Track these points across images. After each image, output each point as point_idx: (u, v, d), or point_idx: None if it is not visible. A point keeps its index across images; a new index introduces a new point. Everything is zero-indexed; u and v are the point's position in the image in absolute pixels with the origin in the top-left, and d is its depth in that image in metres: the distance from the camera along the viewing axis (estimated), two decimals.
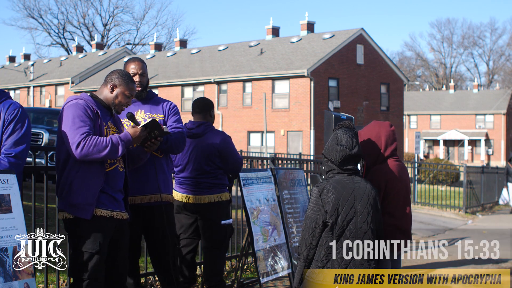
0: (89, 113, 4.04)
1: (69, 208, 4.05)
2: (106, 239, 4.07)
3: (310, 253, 3.92)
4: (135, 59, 4.84)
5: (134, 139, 4.15)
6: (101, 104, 4.23)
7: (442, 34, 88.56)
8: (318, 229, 3.88)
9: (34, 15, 62.43)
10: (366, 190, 3.95)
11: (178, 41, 43.36)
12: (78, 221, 4.03)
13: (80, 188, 4.01)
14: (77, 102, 4.08)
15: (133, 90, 4.26)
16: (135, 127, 4.17)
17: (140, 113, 4.83)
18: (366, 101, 33.42)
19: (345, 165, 3.98)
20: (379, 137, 4.38)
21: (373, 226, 3.89)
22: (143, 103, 4.89)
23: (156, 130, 4.28)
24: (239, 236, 7.67)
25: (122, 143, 4.04)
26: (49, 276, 5.29)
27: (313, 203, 3.92)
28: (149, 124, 4.23)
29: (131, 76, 4.32)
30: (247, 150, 31.34)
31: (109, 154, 3.98)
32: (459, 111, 61.19)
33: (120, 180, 4.22)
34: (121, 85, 4.21)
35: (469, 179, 19.03)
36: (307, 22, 35.99)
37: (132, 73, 4.74)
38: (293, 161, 10.46)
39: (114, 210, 4.13)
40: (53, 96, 43.25)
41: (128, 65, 4.81)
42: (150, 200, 4.78)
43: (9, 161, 3.77)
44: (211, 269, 5.76)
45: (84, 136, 3.94)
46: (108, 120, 4.24)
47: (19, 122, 3.84)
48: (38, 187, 5.01)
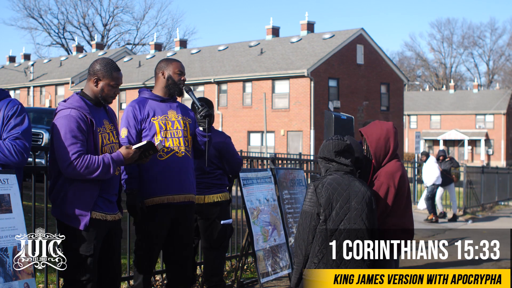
0: (82, 126, 3.96)
1: (62, 217, 4.02)
2: (99, 242, 4.06)
3: (307, 249, 3.92)
4: (176, 60, 4.88)
5: (126, 160, 4.08)
6: (92, 102, 4.14)
7: (442, 34, 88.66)
8: (313, 222, 3.90)
9: (34, 15, 62.50)
10: (362, 188, 4.00)
11: (178, 41, 43.37)
12: (72, 226, 4.01)
13: (74, 199, 3.97)
14: (69, 114, 3.96)
15: (118, 79, 4.16)
16: (129, 147, 4.11)
17: (173, 113, 4.82)
18: (366, 101, 33.42)
19: (339, 157, 4.03)
20: (388, 138, 4.40)
21: (368, 224, 3.91)
22: (172, 101, 4.89)
23: (151, 150, 4.22)
24: (239, 236, 7.67)
25: (114, 165, 4.00)
26: (49, 276, 5.29)
27: (309, 198, 3.96)
28: (144, 146, 4.18)
29: (114, 63, 4.21)
30: (247, 150, 31.34)
31: (100, 175, 3.95)
32: (459, 111, 61.19)
33: (116, 183, 4.22)
34: (104, 77, 4.10)
35: (469, 179, 19.03)
36: (307, 22, 36.00)
37: (179, 72, 4.80)
38: (293, 161, 10.46)
39: (108, 212, 4.11)
40: (53, 96, 43.24)
41: (175, 64, 4.83)
42: (185, 200, 4.78)
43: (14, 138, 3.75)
44: (211, 269, 5.76)
45: (76, 156, 3.89)
46: (102, 119, 4.17)
47: (19, 117, 3.83)
48: (38, 187, 5.01)
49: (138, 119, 4.67)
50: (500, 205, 21.29)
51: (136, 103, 4.74)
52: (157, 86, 4.85)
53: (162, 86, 4.82)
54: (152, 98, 4.79)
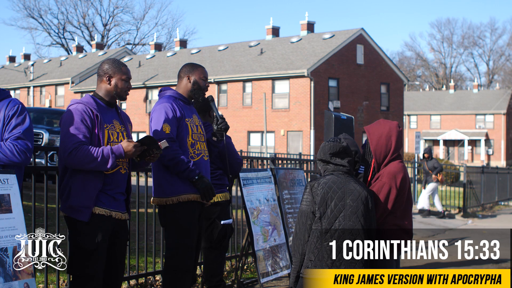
0: (86, 119, 4.04)
1: (67, 210, 4.08)
2: (104, 238, 4.08)
3: (304, 248, 3.95)
4: (201, 65, 4.99)
5: (127, 153, 4.09)
6: (104, 102, 4.23)
7: (442, 34, 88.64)
8: (309, 221, 3.94)
9: (34, 15, 62.49)
10: (358, 187, 4.02)
11: (178, 41, 43.36)
12: (76, 220, 4.06)
13: (77, 191, 4.03)
14: (76, 107, 4.09)
15: (128, 73, 4.30)
16: (130, 141, 4.13)
17: (196, 118, 4.90)
18: (366, 101, 33.42)
19: (335, 158, 4.08)
20: (390, 136, 4.39)
21: (363, 222, 3.92)
22: (192, 105, 4.97)
23: (154, 148, 4.22)
24: (239, 236, 7.67)
25: (113, 156, 4.02)
26: (49, 276, 5.29)
27: (305, 198, 4.01)
28: (145, 140, 4.19)
29: (120, 61, 4.35)
30: (247, 150, 31.35)
31: (97, 166, 3.99)
32: (459, 111, 61.20)
33: (122, 182, 4.23)
34: (115, 73, 4.23)
35: (469, 179, 19.04)
36: (307, 22, 36.00)
37: (205, 78, 4.93)
38: (293, 161, 10.46)
39: (113, 209, 4.14)
40: (53, 96, 43.24)
41: (201, 70, 4.94)
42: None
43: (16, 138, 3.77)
44: (211, 269, 5.77)
45: (76, 145, 3.96)
46: (112, 119, 4.23)
47: (20, 117, 3.86)
48: (38, 187, 5.02)
49: (177, 116, 4.68)
50: (500, 205, 21.30)
51: (172, 101, 4.74)
52: (180, 89, 4.89)
53: (186, 90, 4.88)
54: (181, 99, 4.83)
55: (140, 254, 6.71)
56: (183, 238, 4.65)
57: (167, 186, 4.64)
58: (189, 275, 4.75)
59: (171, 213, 4.65)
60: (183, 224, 4.65)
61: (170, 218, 4.67)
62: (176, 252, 4.66)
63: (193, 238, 4.71)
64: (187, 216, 4.66)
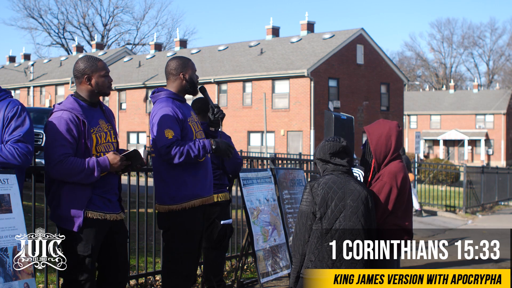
0: (72, 128, 3.93)
1: (56, 219, 4.03)
2: (98, 242, 4.04)
3: (304, 248, 3.94)
4: (189, 58, 4.80)
5: (112, 166, 4.02)
6: (87, 103, 4.12)
7: (442, 34, 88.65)
8: (309, 221, 3.93)
9: (34, 15, 62.51)
10: (358, 187, 4.02)
11: (178, 41, 43.36)
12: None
13: (66, 201, 3.97)
14: (61, 116, 3.97)
15: (105, 67, 4.16)
16: (116, 153, 4.06)
17: (193, 115, 4.77)
18: (366, 101, 33.42)
19: (335, 158, 4.07)
20: (390, 136, 4.39)
21: (364, 222, 3.92)
22: (186, 103, 4.82)
23: (138, 162, 4.18)
24: (239, 236, 7.67)
25: (98, 169, 3.95)
26: (49, 276, 5.29)
27: (305, 198, 4.00)
28: (131, 155, 4.13)
29: (93, 56, 4.22)
30: (247, 150, 31.34)
31: (82, 179, 3.93)
32: (459, 111, 61.19)
33: (114, 182, 4.19)
34: (93, 71, 4.09)
35: (469, 179, 19.03)
36: (307, 22, 36.01)
37: (195, 70, 4.77)
38: (293, 161, 10.46)
39: (107, 212, 4.09)
40: (53, 96, 43.25)
41: (191, 64, 4.74)
42: (211, 200, 4.79)
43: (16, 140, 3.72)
44: (210, 269, 5.77)
45: (62, 158, 3.89)
46: (98, 119, 4.14)
47: (20, 119, 3.79)
48: (38, 187, 5.01)
49: (180, 119, 4.54)
50: (500, 205, 21.29)
51: (171, 103, 4.57)
52: (174, 88, 4.69)
53: (181, 88, 4.68)
54: (177, 99, 4.66)
55: (140, 254, 6.71)
56: (187, 242, 4.55)
57: (176, 192, 4.51)
58: (191, 280, 4.64)
59: (175, 216, 4.53)
60: (189, 228, 4.54)
61: (174, 222, 4.55)
62: (179, 256, 4.55)
63: (197, 242, 4.63)
64: (193, 219, 4.56)
